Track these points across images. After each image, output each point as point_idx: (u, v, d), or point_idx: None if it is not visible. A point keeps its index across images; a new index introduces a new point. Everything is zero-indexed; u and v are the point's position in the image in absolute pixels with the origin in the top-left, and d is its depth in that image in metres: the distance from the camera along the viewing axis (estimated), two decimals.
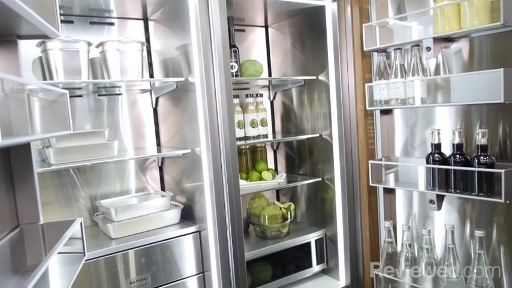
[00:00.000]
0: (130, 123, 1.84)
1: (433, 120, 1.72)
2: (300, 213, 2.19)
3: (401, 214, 1.88)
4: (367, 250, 1.87)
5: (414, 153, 1.81)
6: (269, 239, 1.94)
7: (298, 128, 2.12)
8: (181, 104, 1.68)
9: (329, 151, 1.91)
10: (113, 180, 1.80)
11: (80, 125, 1.72)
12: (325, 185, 1.98)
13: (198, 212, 1.64)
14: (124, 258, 1.46)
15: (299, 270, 1.96)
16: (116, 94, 1.80)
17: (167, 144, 1.86)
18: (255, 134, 1.94)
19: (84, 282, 1.38)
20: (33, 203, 0.91)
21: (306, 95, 2.05)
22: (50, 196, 1.65)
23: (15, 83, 0.90)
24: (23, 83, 0.82)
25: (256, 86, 2.21)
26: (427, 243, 1.60)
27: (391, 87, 1.63)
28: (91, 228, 1.70)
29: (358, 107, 1.79)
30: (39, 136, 0.91)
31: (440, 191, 1.55)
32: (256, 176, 1.96)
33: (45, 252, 0.91)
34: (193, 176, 1.64)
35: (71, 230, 0.86)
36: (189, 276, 1.60)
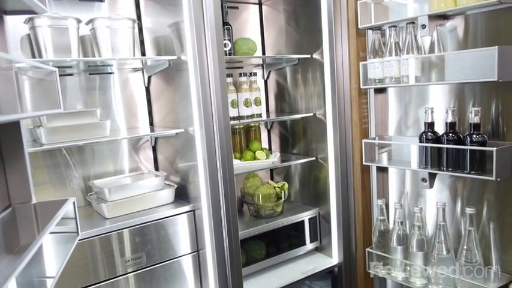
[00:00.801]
0: (122, 103, 1.82)
1: (427, 99, 1.72)
2: (293, 192, 2.20)
3: (393, 192, 1.90)
4: (359, 228, 1.89)
5: (407, 132, 1.82)
6: (263, 217, 1.96)
7: (292, 108, 2.12)
8: (174, 83, 1.66)
9: (323, 130, 1.91)
10: (106, 160, 1.79)
11: (72, 104, 1.70)
12: (318, 164, 1.99)
13: (192, 191, 1.64)
14: (119, 237, 1.47)
15: (293, 248, 1.99)
16: (108, 73, 1.77)
17: (160, 124, 1.85)
18: (248, 113, 1.93)
19: (80, 261, 1.39)
20: (25, 182, 0.91)
21: (300, 74, 2.03)
22: (43, 176, 1.65)
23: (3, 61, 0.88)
24: (11, 59, 0.80)
25: (250, 65, 2.19)
26: (419, 220, 1.62)
27: (385, 65, 1.62)
28: (85, 208, 1.70)
29: (352, 86, 1.78)
30: (28, 114, 0.89)
31: (432, 169, 1.56)
32: (250, 156, 1.96)
33: (38, 231, 0.91)
34: (187, 155, 1.64)
35: (64, 210, 0.86)
36: (183, 255, 1.62)
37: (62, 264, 0.82)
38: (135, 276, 1.52)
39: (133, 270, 1.51)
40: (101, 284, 1.45)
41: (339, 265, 1.95)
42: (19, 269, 0.59)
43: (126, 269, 1.49)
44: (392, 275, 1.75)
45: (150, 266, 1.54)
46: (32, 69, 1.09)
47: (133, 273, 1.51)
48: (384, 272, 1.80)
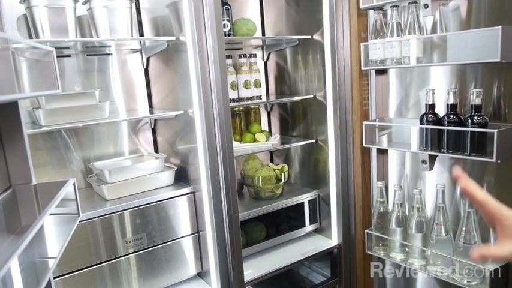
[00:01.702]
0: (121, 85, 1.80)
1: (428, 80, 1.71)
2: (293, 175, 2.21)
3: (393, 174, 1.91)
4: (359, 210, 1.91)
5: (408, 114, 1.81)
6: (263, 199, 1.97)
7: (292, 89, 2.10)
8: (173, 65, 1.64)
9: (323, 112, 1.90)
10: (105, 142, 1.78)
11: (70, 86, 1.68)
12: (318, 146, 1.98)
13: (192, 173, 1.64)
14: (119, 218, 1.48)
15: (292, 230, 2.00)
16: (106, 54, 1.75)
17: (159, 106, 1.83)
18: (248, 95, 1.92)
19: (81, 242, 1.40)
20: (25, 163, 0.90)
21: (300, 56, 2.01)
22: (43, 158, 1.64)
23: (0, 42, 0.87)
24: (7, 38, 0.79)
25: (250, 46, 2.16)
26: (418, 202, 1.63)
27: (386, 46, 1.60)
28: (85, 190, 1.70)
29: (352, 68, 1.77)
30: (26, 95, 0.88)
31: (432, 151, 1.56)
32: (249, 138, 1.95)
33: (39, 212, 0.91)
34: (187, 137, 1.63)
35: (64, 190, 0.86)
36: (184, 236, 1.63)
37: (63, 245, 0.82)
38: (136, 257, 1.53)
39: (135, 251, 1.52)
40: (102, 265, 1.46)
41: (338, 246, 1.97)
42: (20, 249, 0.59)
43: (127, 250, 1.51)
44: (391, 256, 1.77)
45: (151, 247, 1.56)
46: (29, 50, 1.08)
47: (135, 254, 1.52)
48: (382, 253, 1.82)
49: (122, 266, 1.50)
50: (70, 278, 1.40)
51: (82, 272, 1.42)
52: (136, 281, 1.54)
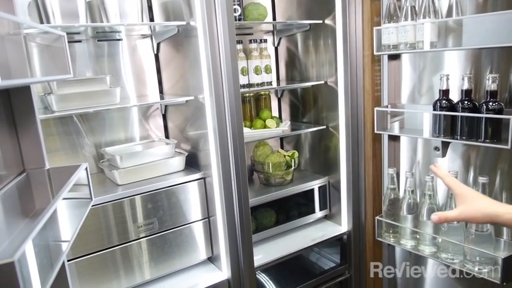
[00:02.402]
0: (131, 70, 1.80)
1: (442, 65, 1.67)
2: (303, 161, 2.20)
3: (405, 161, 1.89)
4: (369, 196, 1.90)
5: (421, 100, 1.78)
6: (273, 186, 1.97)
7: (303, 75, 2.08)
8: (183, 50, 1.63)
9: (334, 98, 1.88)
10: (116, 128, 1.79)
11: (81, 71, 1.69)
12: (329, 132, 1.97)
13: (203, 159, 1.65)
14: (131, 203, 1.49)
15: (302, 216, 2.01)
16: (116, 39, 1.75)
17: (170, 92, 1.83)
18: (258, 81, 1.90)
19: (94, 226, 1.42)
20: (38, 148, 0.91)
21: (311, 41, 1.98)
22: (55, 143, 1.66)
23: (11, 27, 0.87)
24: (19, 22, 0.79)
25: (260, 31, 2.14)
26: (430, 189, 1.62)
27: (400, 30, 1.57)
28: (97, 175, 1.72)
29: (365, 53, 1.74)
30: (39, 79, 0.89)
31: (446, 138, 1.54)
32: (260, 124, 1.95)
33: (53, 196, 0.92)
34: (197, 123, 1.63)
35: (77, 175, 0.86)
36: (194, 221, 1.64)
37: (77, 228, 0.83)
38: (148, 241, 1.55)
39: (146, 236, 1.54)
40: (114, 248, 1.48)
41: (348, 233, 1.97)
42: (35, 232, 0.60)
43: (138, 234, 1.52)
44: (402, 243, 1.77)
45: (162, 232, 1.57)
46: (40, 35, 1.08)
47: (146, 239, 1.54)
48: (392, 240, 1.81)
49: (134, 250, 1.52)
50: (83, 261, 1.42)
51: (94, 256, 1.44)
52: (147, 265, 1.57)
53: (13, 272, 0.52)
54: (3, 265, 0.51)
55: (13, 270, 0.52)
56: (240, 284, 1.66)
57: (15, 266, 0.52)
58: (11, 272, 0.52)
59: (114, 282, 1.51)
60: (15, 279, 0.52)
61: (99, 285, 1.47)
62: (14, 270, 0.52)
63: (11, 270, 0.52)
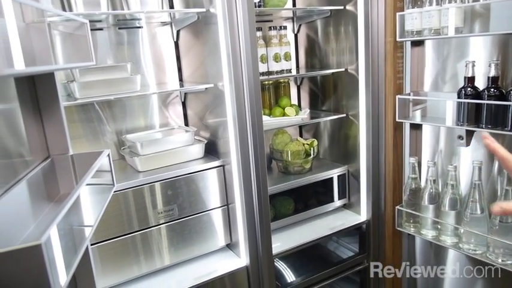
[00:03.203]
0: (151, 58, 1.81)
1: (467, 52, 1.62)
2: (322, 150, 2.19)
3: (426, 150, 1.86)
4: (389, 186, 1.87)
5: (444, 87, 1.74)
6: (291, 174, 1.97)
7: (322, 63, 2.05)
8: (203, 37, 1.63)
9: (354, 86, 1.85)
10: (137, 115, 1.81)
11: (102, 59, 1.70)
12: (349, 121, 1.95)
13: (222, 147, 1.65)
14: (151, 190, 1.51)
15: (321, 204, 2.00)
16: (136, 27, 1.75)
17: (189, 79, 1.84)
18: (278, 68, 1.89)
19: (114, 211, 1.45)
20: (62, 134, 0.93)
21: (331, 27, 1.95)
22: (77, 130, 1.69)
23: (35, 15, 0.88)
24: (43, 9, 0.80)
25: (280, 18, 2.11)
26: (452, 179, 1.59)
27: (424, 16, 1.53)
28: (118, 161, 1.75)
29: (387, 39, 1.70)
30: (63, 66, 0.90)
31: (470, 127, 1.50)
32: (279, 112, 1.94)
33: (76, 181, 0.94)
34: (216, 111, 1.64)
35: (100, 161, 0.88)
36: (213, 208, 1.66)
37: (100, 213, 0.85)
38: (167, 227, 1.57)
39: (166, 222, 1.56)
40: (135, 234, 1.51)
41: (367, 222, 1.95)
42: (60, 216, 0.61)
43: (158, 220, 1.55)
44: (422, 233, 1.75)
45: (182, 218, 1.59)
46: (62, 23, 1.09)
47: (166, 225, 1.56)
48: (413, 230, 1.79)
49: (154, 236, 1.55)
50: (104, 246, 1.45)
51: (115, 241, 1.47)
52: (167, 251, 1.59)
53: (40, 254, 0.53)
54: (31, 247, 0.53)
55: (40, 252, 0.53)
56: (258, 271, 1.67)
57: (42, 249, 0.53)
58: (38, 254, 0.53)
59: (134, 267, 1.54)
60: (42, 261, 0.54)
61: (120, 269, 1.51)
62: (41, 253, 0.53)
63: (38, 253, 0.53)
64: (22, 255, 0.53)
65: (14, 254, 0.53)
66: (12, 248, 0.53)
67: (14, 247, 0.53)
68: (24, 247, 0.53)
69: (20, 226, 0.77)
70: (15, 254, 0.53)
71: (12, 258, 0.53)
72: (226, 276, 1.63)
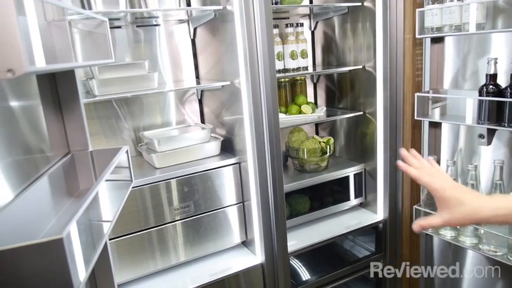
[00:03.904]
0: (168, 55, 1.82)
1: (489, 48, 1.59)
2: (339, 148, 2.17)
3: (446, 149, 1.82)
4: (407, 185, 1.85)
5: (464, 85, 1.70)
6: (307, 172, 1.96)
7: (339, 60, 2.04)
8: (220, 35, 1.63)
9: (372, 84, 1.83)
10: (154, 112, 1.83)
11: (120, 57, 1.72)
12: (366, 119, 1.92)
13: (238, 144, 1.66)
14: (168, 186, 1.53)
15: (336, 203, 1.98)
16: (154, 25, 1.77)
17: (206, 77, 1.84)
18: (294, 66, 1.88)
19: (131, 207, 1.47)
20: (82, 130, 0.95)
21: (349, 24, 1.93)
22: (95, 127, 1.72)
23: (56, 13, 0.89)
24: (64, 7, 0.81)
25: (297, 15, 2.10)
26: (473, 178, 1.56)
27: (445, 12, 1.50)
28: (136, 158, 1.77)
29: (406, 36, 1.67)
30: (83, 63, 0.91)
31: (492, 125, 1.47)
32: (295, 110, 1.93)
33: (95, 177, 0.96)
34: (233, 108, 1.64)
35: (118, 157, 0.89)
36: (229, 205, 1.66)
37: (118, 209, 0.86)
38: (183, 224, 1.58)
39: (182, 218, 1.57)
40: (150, 230, 1.53)
41: (383, 221, 1.93)
42: (81, 211, 0.62)
43: (174, 217, 1.56)
44: (441, 233, 1.72)
45: (198, 215, 1.60)
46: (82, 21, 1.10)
47: (182, 221, 1.58)
48: (431, 230, 1.76)
49: (170, 232, 1.56)
50: (121, 241, 1.47)
51: (132, 236, 1.49)
52: (182, 247, 1.60)
53: (61, 248, 0.54)
54: (52, 241, 0.54)
55: (61, 246, 0.54)
56: (273, 268, 1.67)
57: (64, 242, 0.54)
58: (60, 247, 0.54)
59: (150, 263, 1.56)
60: (64, 254, 0.54)
61: (136, 264, 1.53)
62: (62, 246, 0.54)
63: (60, 246, 0.54)
64: (44, 249, 0.54)
65: (37, 247, 0.54)
66: (34, 242, 0.54)
67: (37, 241, 0.54)
68: (46, 241, 0.54)
69: (42, 220, 0.79)
70: (37, 248, 0.54)
71: (34, 252, 0.54)
72: (241, 273, 1.63)
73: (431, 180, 0.82)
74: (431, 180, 0.82)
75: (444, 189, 0.80)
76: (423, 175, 0.84)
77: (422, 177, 0.84)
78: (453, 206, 0.78)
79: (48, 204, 0.84)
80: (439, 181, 0.82)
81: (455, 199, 0.78)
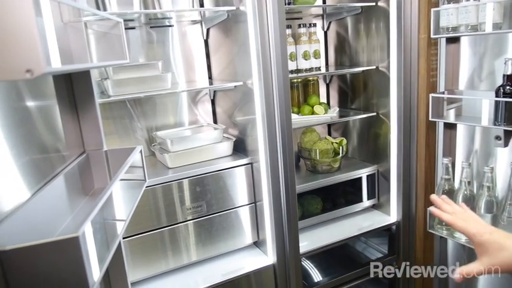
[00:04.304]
0: (181, 56, 1.83)
1: (506, 48, 1.56)
2: (351, 149, 2.16)
3: (461, 151, 1.80)
4: (421, 187, 1.83)
5: (480, 86, 1.68)
6: (320, 173, 1.95)
7: (352, 60, 2.02)
8: (232, 35, 1.63)
9: (385, 84, 1.81)
10: (167, 113, 1.84)
11: (134, 57, 1.74)
12: (379, 119, 1.91)
13: (250, 144, 1.66)
14: (181, 186, 1.53)
15: (349, 204, 1.97)
16: (167, 26, 1.78)
17: (218, 77, 1.85)
18: (307, 66, 1.87)
19: (144, 207, 1.48)
20: (97, 130, 0.96)
21: (362, 24, 1.92)
22: (109, 127, 1.73)
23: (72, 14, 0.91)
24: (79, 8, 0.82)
25: (310, 15, 2.09)
26: (489, 181, 1.53)
27: (461, 11, 1.47)
28: (149, 158, 1.78)
29: (420, 36, 1.65)
30: (99, 64, 0.92)
31: (509, 127, 1.44)
32: (308, 110, 1.92)
33: (110, 176, 0.97)
34: (245, 109, 1.64)
35: (133, 156, 0.90)
36: (241, 206, 1.66)
37: (132, 208, 0.87)
38: (195, 223, 1.59)
39: (194, 218, 1.58)
40: (163, 229, 1.53)
41: (397, 223, 1.91)
42: (96, 210, 0.63)
43: (186, 217, 1.57)
44: (455, 236, 1.69)
45: (210, 215, 1.61)
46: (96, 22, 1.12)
47: (194, 221, 1.58)
48: (445, 233, 1.74)
49: (182, 232, 1.57)
50: (134, 240, 1.49)
51: (144, 235, 1.50)
52: (194, 247, 1.61)
53: (77, 246, 0.55)
54: (68, 239, 0.54)
55: (77, 244, 0.55)
56: (285, 269, 1.67)
57: (80, 240, 0.54)
58: (76, 245, 0.54)
59: (162, 262, 1.57)
60: (79, 252, 0.55)
61: (148, 263, 1.54)
62: (78, 244, 0.55)
63: (76, 244, 0.54)
64: (60, 247, 0.55)
65: (53, 245, 0.54)
66: (50, 240, 0.54)
67: (53, 239, 0.55)
68: (62, 239, 0.54)
69: (57, 219, 0.80)
70: (53, 246, 0.54)
71: (51, 250, 0.55)
72: (253, 273, 1.63)
73: (467, 226, 0.82)
74: (466, 226, 0.83)
75: (482, 234, 0.79)
76: (458, 220, 0.84)
77: (457, 223, 0.84)
78: (493, 251, 0.77)
79: (64, 203, 0.85)
80: (475, 225, 0.82)
81: (495, 244, 0.77)
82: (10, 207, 0.66)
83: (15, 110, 0.73)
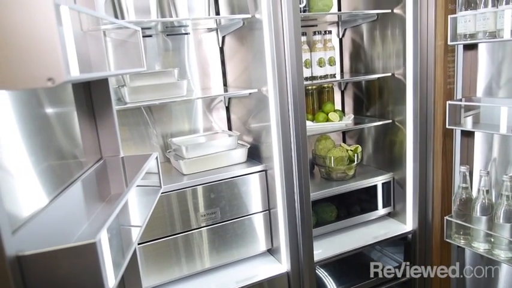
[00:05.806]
0: (197, 63, 1.85)
1: None
2: (366, 156, 2.14)
3: (479, 159, 1.76)
4: (437, 195, 1.80)
5: (499, 93, 1.65)
6: (334, 180, 1.93)
7: (368, 68, 2.01)
8: (247, 43, 1.64)
9: (401, 91, 1.80)
10: (182, 119, 1.86)
11: (151, 65, 1.76)
12: (395, 127, 1.89)
13: (265, 151, 1.66)
14: (195, 193, 1.54)
15: (364, 212, 1.95)
16: (183, 34, 1.80)
17: (233, 84, 1.86)
18: (322, 73, 1.87)
19: (158, 213, 1.49)
20: (114, 137, 0.97)
21: (378, 31, 1.91)
22: (125, 134, 1.76)
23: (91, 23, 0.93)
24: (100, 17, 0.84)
25: (325, 23, 2.09)
26: (508, 190, 1.50)
27: (478, 18, 1.46)
28: (164, 164, 1.80)
29: (437, 43, 1.64)
30: (116, 72, 0.94)
31: None
32: (322, 117, 1.92)
33: (126, 182, 0.98)
34: (260, 116, 1.64)
35: (149, 163, 0.91)
36: (255, 213, 1.66)
37: (148, 214, 0.88)
38: (209, 230, 1.59)
39: (208, 225, 1.58)
40: (177, 236, 1.54)
41: (413, 232, 1.88)
42: (113, 216, 0.64)
43: (200, 223, 1.57)
44: (473, 246, 1.66)
45: (224, 222, 1.61)
46: (114, 30, 1.14)
47: (208, 228, 1.58)
48: (463, 242, 1.71)
49: (195, 239, 1.57)
50: (148, 246, 1.50)
51: (159, 242, 1.51)
52: (208, 253, 1.61)
53: (95, 251, 0.55)
54: (86, 245, 0.55)
55: (95, 249, 0.55)
56: (299, 277, 1.66)
57: (97, 246, 0.55)
58: (93, 251, 0.55)
59: (176, 268, 1.57)
60: (96, 258, 0.56)
61: (162, 270, 1.54)
62: (95, 250, 0.55)
63: (93, 250, 0.55)
64: (77, 253, 0.55)
65: (71, 251, 0.55)
66: (69, 245, 0.55)
67: (71, 244, 0.55)
68: (80, 244, 0.55)
69: (74, 225, 0.81)
70: (71, 251, 0.55)
71: (68, 255, 0.55)
72: (266, 281, 1.62)
73: None
74: None
75: None
76: None
77: None
78: None
79: (81, 209, 0.86)
80: None
81: None
82: (29, 213, 0.67)
83: (35, 117, 0.74)
